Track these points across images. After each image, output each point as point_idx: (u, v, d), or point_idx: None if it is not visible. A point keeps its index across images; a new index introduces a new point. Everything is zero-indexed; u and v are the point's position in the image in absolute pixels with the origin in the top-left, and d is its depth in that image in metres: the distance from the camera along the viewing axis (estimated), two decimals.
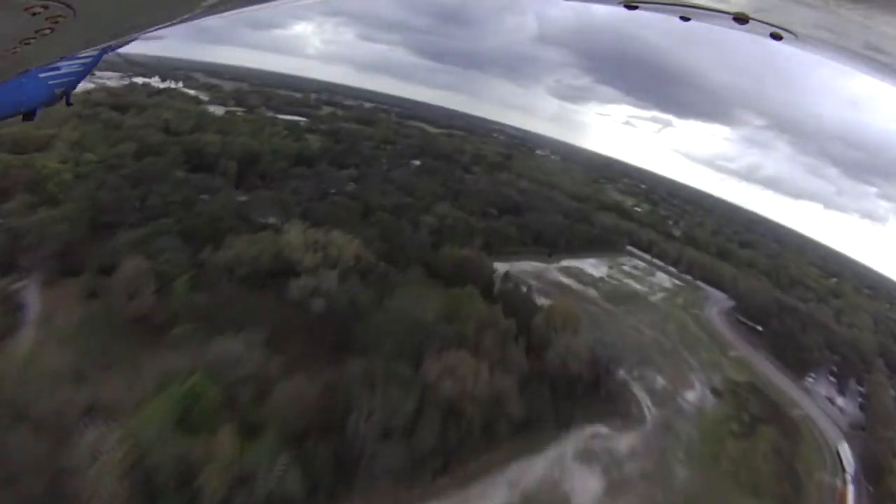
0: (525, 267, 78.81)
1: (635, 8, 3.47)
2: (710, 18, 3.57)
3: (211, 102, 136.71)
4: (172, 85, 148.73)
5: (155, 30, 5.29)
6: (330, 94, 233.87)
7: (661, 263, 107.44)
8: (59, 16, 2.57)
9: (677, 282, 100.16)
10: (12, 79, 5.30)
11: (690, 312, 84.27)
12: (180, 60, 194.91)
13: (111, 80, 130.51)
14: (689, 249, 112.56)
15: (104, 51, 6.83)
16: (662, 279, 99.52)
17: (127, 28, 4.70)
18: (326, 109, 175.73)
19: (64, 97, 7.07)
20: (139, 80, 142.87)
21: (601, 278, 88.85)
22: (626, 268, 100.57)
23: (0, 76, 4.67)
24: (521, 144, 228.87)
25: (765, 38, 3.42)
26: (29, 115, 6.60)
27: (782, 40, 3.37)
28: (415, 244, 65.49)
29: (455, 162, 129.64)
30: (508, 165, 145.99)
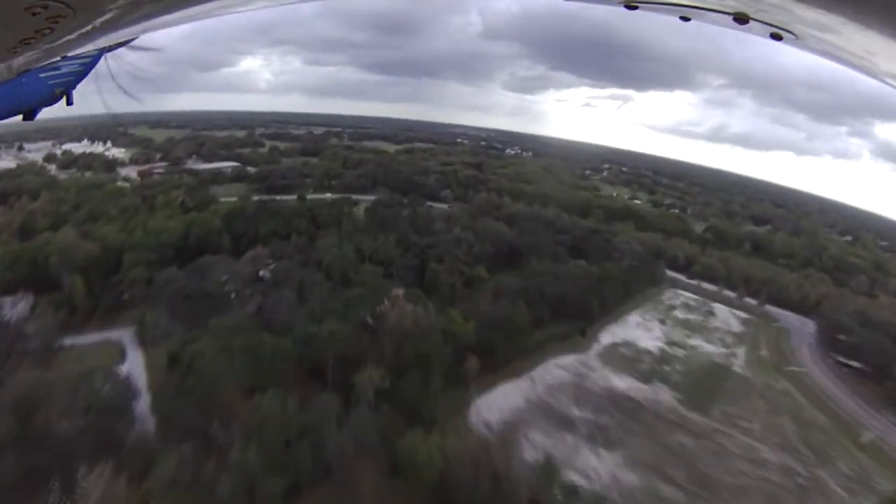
0: (553, 374, 54.39)
1: (635, 8, 3.48)
2: (710, 18, 3.58)
3: (125, 164, 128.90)
4: (95, 149, 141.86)
5: (155, 30, 5.30)
6: (280, 125, 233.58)
7: (711, 288, 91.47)
8: (59, 16, 2.57)
9: (742, 314, 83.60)
10: (12, 79, 5.30)
11: (788, 375, 65.18)
12: (127, 115, 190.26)
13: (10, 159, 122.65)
14: (728, 255, 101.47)
15: (104, 51, 6.85)
16: (726, 318, 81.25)
17: (127, 28, 4.70)
18: (269, 144, 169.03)
19: (64, 97, 7.08)
20: (57, 149, 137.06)
21: (661, 351, 66.70)
22: (678, 312, 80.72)
23: (0, 76, 4.67)
24: (488, 147, 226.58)
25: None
26: (29, 115, 6.61)
27: (782, 40, 3.38)
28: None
29: (418, 188, 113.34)
30: (484, 180, 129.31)
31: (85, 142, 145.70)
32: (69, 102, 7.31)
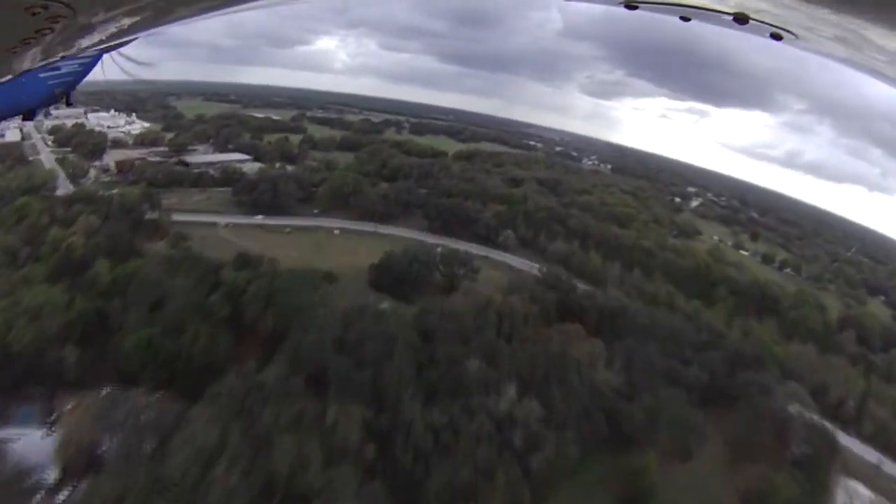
0: None
1: (635, 8, 3.49)
2: (710, 18, 3.62)
3: (127, 145, 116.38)
4: (115, 122, 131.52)
5: (155, 30, 5.31)
6: (342, 107, 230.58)
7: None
8: (59, 16, 2.59)
9: None
10: (12, 79, 5.32)
11: None
12: (180, 84, 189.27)
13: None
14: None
15: (104, 51, 6.87)
16: None
17: (127, 28, 4.71)
18: (311, 130, 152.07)
19: (64, 97, 7.10)
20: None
21: None
22: None
23: (0, 76, 4.69)
24: (564, 155, 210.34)
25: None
26: (29, 115, 6.64)
27: (782, 40, 3.39)
28: None
29: (467, 226, 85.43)
30: (561, 216, 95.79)
31: (112, 112, 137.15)
32: (69, 102, 7.34)
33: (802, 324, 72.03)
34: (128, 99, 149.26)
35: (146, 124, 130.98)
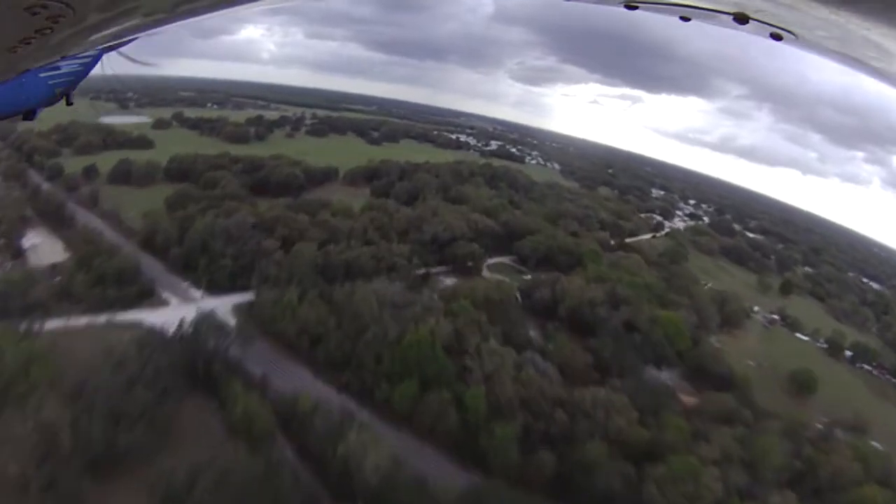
0: None
1: (635, 8, 3.49)
2: (710, 18, 3.62)
3: None
4: None
5: (155, 30, 5.31)
6: (242, 98, 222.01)
7: None
8: (59, 16, 2.60)
9: None
10: (12, 79, 5.32)
11: None
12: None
13: None
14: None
15: (104, 51, 6.88)
16: None
17: (127, 28, 4.71)
18: (151, 145, 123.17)
19: (64, 97, 7.11)
20: None
21: None
22: None
23: (0, 76, 4.69)
24: (503, 152, 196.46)
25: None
26: (29, 115, 6.64)
27: (782, 40, 3.39)
28: None
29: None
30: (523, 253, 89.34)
31: None
32: (69, 102, 7.35)
33: None
34: None
35: None
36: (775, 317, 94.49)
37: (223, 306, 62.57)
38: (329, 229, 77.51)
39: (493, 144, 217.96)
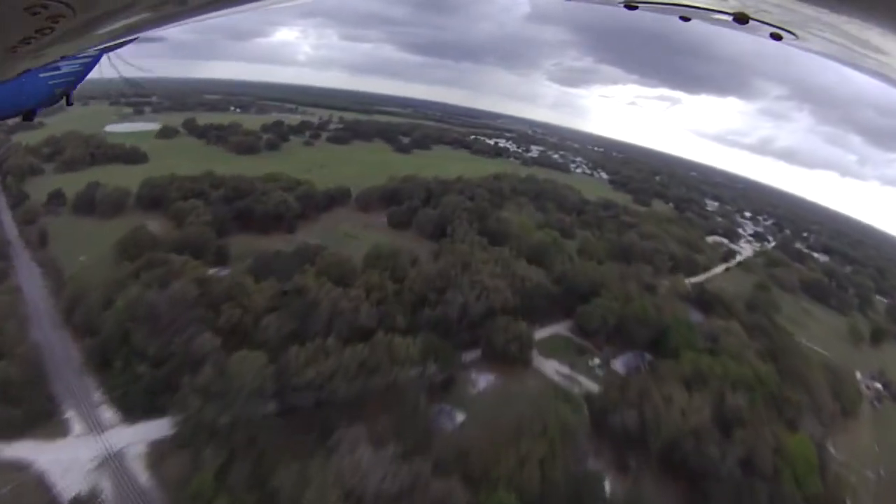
0: None
1: (635, 8, 3.49)
2: (710, 18, 3.61)
3: None
4: None
5: (155, 30, 5.32)
6: (269, 101, 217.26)
7: None
8: (60, 16, 2.59)
9: None
10: (12, 79, 5.33)
11: None
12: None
13: None
14: None
15: (104, 51, 6.89)
16: None
17: (127, 28, 4.71)
18: (144, 160, 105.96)
19: (64, 97, 7.12)
20: None
21: None
22: None
23: (0, 76, 4.69)
24: (545, 159, 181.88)
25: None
26: (29, 115, 6.65)
27: (782, 40, 3.39)
28: None
29: None
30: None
31: None
32: (69, 102, 7.37)
33: None
34: None
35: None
36: (878, 386, 70.22)
37: (137, 442, 38.27)
38: (304, 309, 49.43)
39: (535, 150, 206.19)
